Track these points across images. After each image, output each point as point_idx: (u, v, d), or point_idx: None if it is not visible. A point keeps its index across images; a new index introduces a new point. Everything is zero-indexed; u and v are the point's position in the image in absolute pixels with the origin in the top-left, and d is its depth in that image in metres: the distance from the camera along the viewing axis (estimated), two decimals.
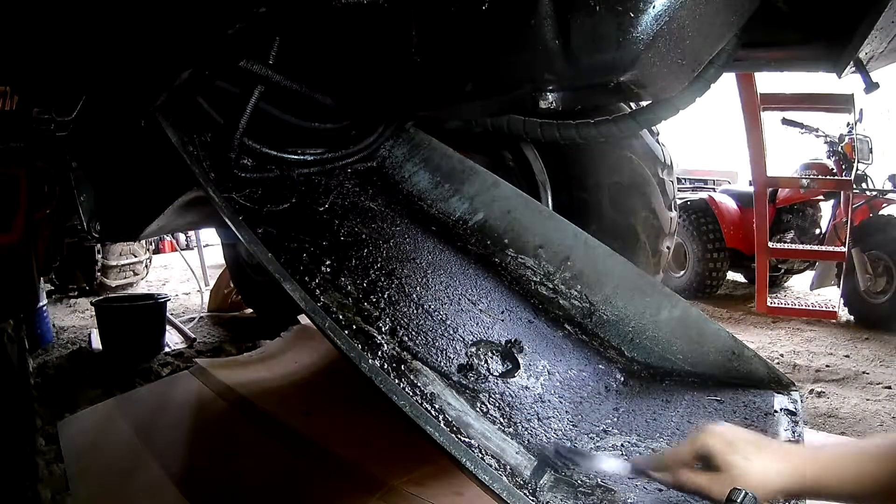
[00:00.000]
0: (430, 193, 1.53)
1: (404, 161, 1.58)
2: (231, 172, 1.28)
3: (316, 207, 1.38)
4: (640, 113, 1.43)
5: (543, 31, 0.94)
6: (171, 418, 2.12)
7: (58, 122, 1.34)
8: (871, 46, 1.19)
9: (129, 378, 2.65)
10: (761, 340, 3.68)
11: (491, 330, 1.27)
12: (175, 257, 6.65)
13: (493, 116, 1.55)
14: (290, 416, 2.04)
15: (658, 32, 0.87)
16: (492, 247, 1.44)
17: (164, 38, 1.19)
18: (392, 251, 1.35)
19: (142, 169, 1.50)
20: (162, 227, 1.76)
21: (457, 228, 1.47)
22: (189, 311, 4.33)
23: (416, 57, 1.12)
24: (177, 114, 1.26)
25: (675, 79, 1.07)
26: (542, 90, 1.03)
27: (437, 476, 1.63)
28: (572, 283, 1.38)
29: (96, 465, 1.81)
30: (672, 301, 1.32)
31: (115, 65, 1.26)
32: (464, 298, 1.32)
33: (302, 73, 1.33)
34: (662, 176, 2.09)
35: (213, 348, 3.21)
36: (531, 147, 2.13)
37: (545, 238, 1.43)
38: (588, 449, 1.07)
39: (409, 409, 0.86)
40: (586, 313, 1.35)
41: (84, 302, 4.57)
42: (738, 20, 1.07)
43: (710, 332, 1.28)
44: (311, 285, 1.17)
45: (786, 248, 4.43)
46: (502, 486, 0.82)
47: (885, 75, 1.40)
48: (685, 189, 6.14)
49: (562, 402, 1.16)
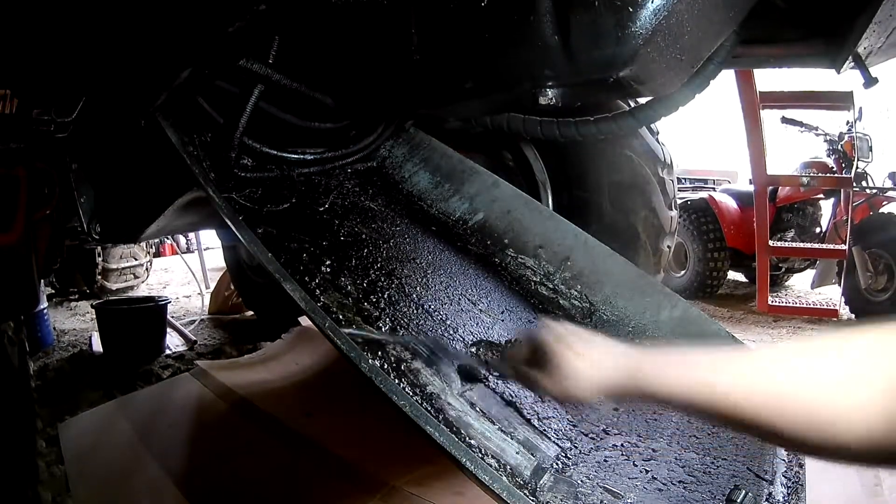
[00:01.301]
0: (430, 193, 1.53)
1: (404, 161, 1.58)
2: (231, 172, 1.28)
3: (316, 207, 1.38)
4: (640, 110, 1.43)
5: (543, 28, 0.94)
6: (172, 420, 2.12)
7: (57, 123, 1.34)
8: (869, 41, 1.19)
9: (129, 380, 2.65)
10: (763, 339, 3.67)
11: (491, 330, 1.27)
12: (176, 260, 6.65)
13: (492, 114, 1.55)
14: (290, 417, 2.04)
15: (657, 27, 0.87)
16: (492, 247, 1.44)
17: (164, 37, 1.19)
18: (392, 251, 1.35)
19: (142, 170, 1.50)
20: (162, 229, 1.76)
21: (457, 228, 1.47)
22: (190, 313, 4.33)
23: (416, 55, 1.12)
24: (177, 114, 1.26)
25: (674, 75, 1.07)
26: (541, 87, 1.03)
27: (438, 476, 1.63)
28: (572, 283, 1.38)
29: (97, 467, 1.80)
30: (672, 301, 1.32)
31: (114, 65, 1.26)
32: (464, 298, 1.32)
33: (302, 73, 1.33)
34: (663, 175, 2.09)
35: (214, 350, 3.21)
36: (531, 147, 2.13)
37: (545, 238, 1.43)
38: (588, 449, 1.06)
39: (410, 409, 0.86)
40: (586, 313, 1.35)
41: (84, 305, 4.58)
42: (736, 16, 1.07)
43: (710, 331, 1.28)
44: (311, 285, 1.17)
45: (786, 247, 4.42)
46: (502, 486, 0.82)
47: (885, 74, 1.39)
48: (685, 189, 6.13)
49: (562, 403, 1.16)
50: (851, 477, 1.64)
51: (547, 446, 1.06)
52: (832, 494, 1.55)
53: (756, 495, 0.87)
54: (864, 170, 4.29)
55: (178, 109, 1.26)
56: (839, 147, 4.24)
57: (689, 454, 1.02)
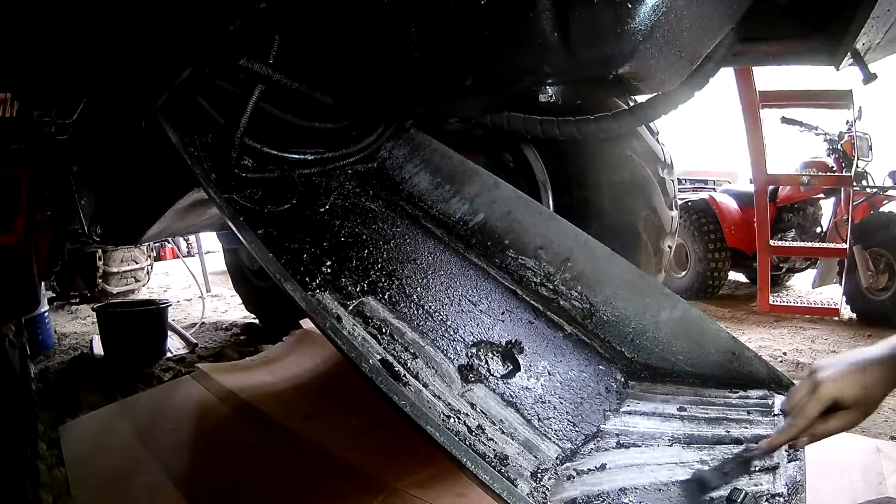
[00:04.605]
0: (430, 194, 1.53)
1: (405, 162, 1.58)
2: (232, 173, 1.28)
3: (316, 208, 1.38)
4: (639, 108, 1.43)
5: (542, 24, 0.94)
6: (173, 423, 2.12)
7: (58, 124, 1.35)
8: (867, 37, 1.19)
9: (130, 383, 2.66)
10: (764, 339, 3.67)
11: (491, 331, 1.27)
12: (176, 264, 6.65)
13: (492, 112, 1.55)
14: (291, 419, 2.04)
15: (656, 24, 0.87)
16: (492, 248, 1.44)
17: (164, 37, 1.19)
18: (393, 252, 1.35)
19: (142, 171, 1.51)
20: (163, 230, 1.76)
21: (457, 229, 1.46)
22: (191, 316, 4.33)
23: (416, 52, 1.12)
24: (177, 114, 1.26)
25: (673, 72, 1.07)
26: (541, 84, 1.03)
27: (440, 478, 1.63)
28: (573, 283, 1.38)
29: (98, 470, 1.80)
30: (672, 302, 1.31)
31: (115, 66, 1.26)
32: (464, 299, 1.31)
33: (302, 72, 1.33)
34: (663, 175, 2.09)
35: (215, 353, 3.22)
36: (531, 147, 2.13)
37: (546, 239, 1.43)
38: (589, 450, 1.06)
39: (410, 409, 0.86)
40: (587, 314, 1.34)
41: (85, 309, 4.58)
42: (734, 13, 1.07)
43: (710, 332, 1.27)
44: (312, 286, 1.17)
45: (787, 247, 4.41)
46: (503, 486, 0.82)
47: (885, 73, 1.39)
48: (686, 189, 6.13)
49: (562, 403, 1.16)
50: (854, 473, 1.64)
51: (547, 447, 1.05)
52: (835, 491, 1.55)
53: (756, 495, 0.87)
54: (865, 169, 4.29)
55: (178, 110, 1.26)
56: (839, 146, 4.24)
57: (690, 454, 1.01)
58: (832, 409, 0.82)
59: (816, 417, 0.83)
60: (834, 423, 0.83)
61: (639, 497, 0.92)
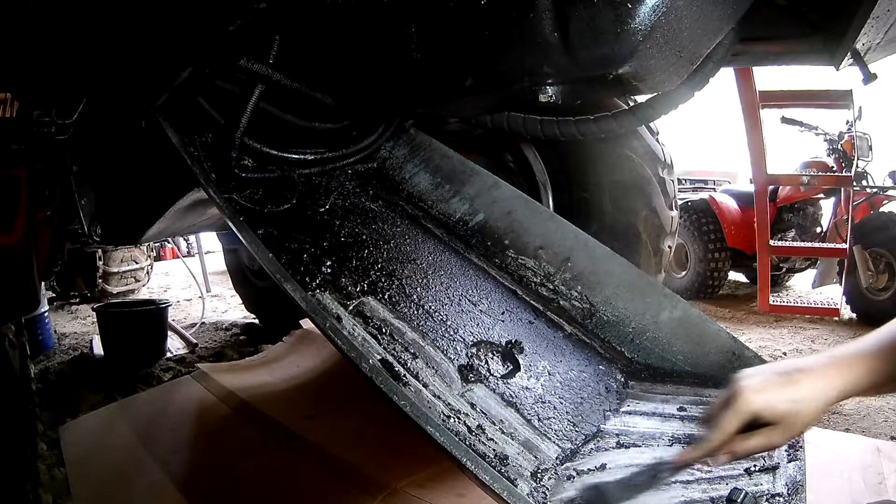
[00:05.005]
0: (430, 194, 1.53)
1: (405, 162, 1.58)
2: (232, 172, 1.28)
3: (316, 208, 1.38)
4: (639, 108, 1.43)
5: (542, 24, 0.94)
6: (173, 423, 2.12)
7: (58, 124, 1.35)
8: (867, 37, 1.19)
9: (130, 383, 2.66)
10: (764, 339, 3.67)
11: (491, 331, 1.27)
12: (176, 264, 6.65)
13: (492, 112, 1.55)
14: (291, 419, 2.04)
15: (656, 24, 0.87)
16: (492, 248, 1.43)
17: (164, 37, 1.19)
18: (392, 252, 1.35)
19: (142, 171, 1.51)
20: (163, 231, 1.76)
21: (457, 229, 1.46)
22: (191, 316, 4.33)
23: (416, 53, 1.12)
24: (177, 114, 1.26)
25: (673, 72, 1.07)
26: (541, 84, 1.03)
27: (440, 478, 1.63)
28: (573, 283, 1.38)
29: (98, 470, 1.80)
30: (672, 302, 1.31)
31: (115, 66, 1.26)
32: (464, 299, 1.31)
33: (302, 72, 1.33)
34: (663, 175, 2.09)
35: (215, 353, 3.22)
36: (531, 148, 2.13)
37: (546, 239, 1.43)
38: (589, 450, 1.06)
39: (410, 409, 0.86)
40: (587, 314, 1.34)
41: (85, 309, 4.58)
42: (735, 13, 1.07)
43: (710, 332, 1.27)
44: (312, 286, 1.17)
45: (787, 247, 4.41)
46: (503, 486, 0.82)
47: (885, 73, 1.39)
48: (685, 189, 6.13)
49: (562, 403, 1.16)
50: (854, 473, 1.64)
51: (547, 447, 1.05)
52: (835, 491, 1.55)
53: (756, 495, 0.87)
54: (865, 169, 4.29)
55: (178, 110, 1.26)
56: (839, 146, 4.24)
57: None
58: (758, 423, 0.72)
59: (734, 433, 0.73)
60: (756, 441, 0.72)
61: (639, 497, 0.92)
